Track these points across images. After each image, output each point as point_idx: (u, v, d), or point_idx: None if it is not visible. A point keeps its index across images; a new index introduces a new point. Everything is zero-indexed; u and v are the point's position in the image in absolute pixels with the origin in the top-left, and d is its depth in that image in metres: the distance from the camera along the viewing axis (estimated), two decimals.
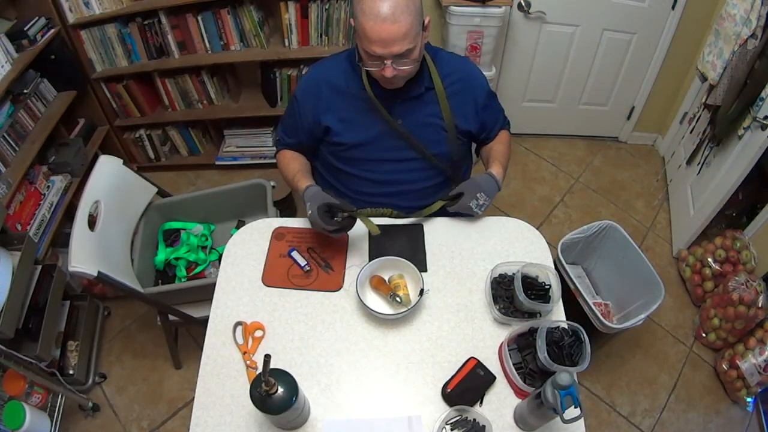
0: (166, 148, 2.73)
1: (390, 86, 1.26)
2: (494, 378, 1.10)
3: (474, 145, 1.57)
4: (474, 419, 1.04)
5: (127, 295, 1.49)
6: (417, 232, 1.38)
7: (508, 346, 1.11)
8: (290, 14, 2.18)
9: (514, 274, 1.21)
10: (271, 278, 1.29)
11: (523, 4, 2.30)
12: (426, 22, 1.20)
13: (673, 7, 2.32)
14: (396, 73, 1.18)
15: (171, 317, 1.70)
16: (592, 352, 1.07)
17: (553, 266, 1.26)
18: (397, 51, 1.13)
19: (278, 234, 1.38)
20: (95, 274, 1.34)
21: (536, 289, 1.20)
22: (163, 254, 1.79)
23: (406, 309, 1.16)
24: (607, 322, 1.69)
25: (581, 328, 1.07)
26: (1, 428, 1.48)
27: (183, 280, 1.78)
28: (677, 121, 2.67)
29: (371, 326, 1.20)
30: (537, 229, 1.39)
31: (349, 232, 1.37)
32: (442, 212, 1.47)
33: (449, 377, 1.10)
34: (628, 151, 2.94)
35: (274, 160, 2.78)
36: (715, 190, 2.10)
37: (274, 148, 2.69)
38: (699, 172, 2.29)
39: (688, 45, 2.42)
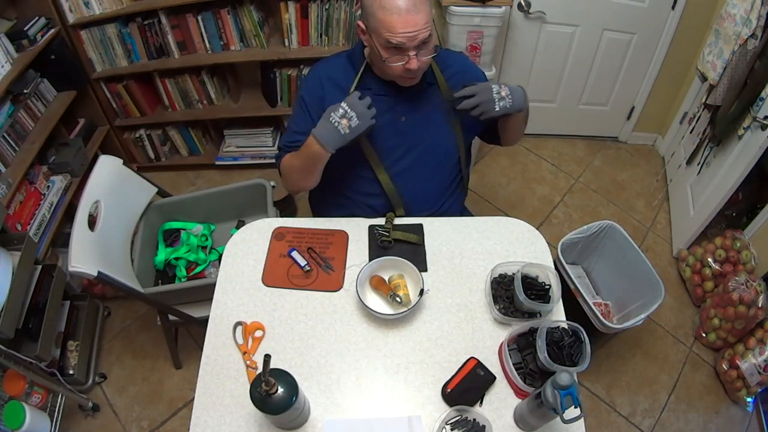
0: (166, 148, 2.73)
1: (410, 83, 1.26)
2: (494, 378, 1.10)
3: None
4: (474, 419, 1.04)
5: (127, 295, 1.49)
6: (417, 232, 1.38)
7: (508, 346, 1.11)
8: (290, 14, 2.18)
9: (514, 274, 1.21)
10: (271, 278, 1.29)
11: (523, 4, 2.30)
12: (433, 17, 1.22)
13: (673, 7, 2.33)
14: (420, 64, 1.18)
15: (171, 317, 1.70)
16: (592, 352, 1.07)
17: (553, 266, 1.26)
18: (423, 39, 1.15)
19: (278, 234, 1.38)
20: (95, 274, 1.34)
21: (536, 289, 1.20)
22: (163, 254, 1.79)
23: (406, 309, 1.17)
24: (607, 322, 1.69)
25: (581, 328, 1.07)
26: (1, 428, 1.48)
27: (183, 280, 1.78)
28: (677, 121, 2.67)
29: (371, 326, 1.20)
30: (537, 229, 1.39)
31: (349, 233, 1.38)
32: (447, 209, 1.47)
33: (449, 377, 1.10)
34: (628, 151, 2.94)
35: (274, 160, 2.78)
36: (715, 190, 2.10)
37: (275, 150, 2.70)
38: (699, 172, 2.29)
39: (688, 45, 2.42)
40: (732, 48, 1.92)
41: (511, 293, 1.20)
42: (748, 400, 1.90)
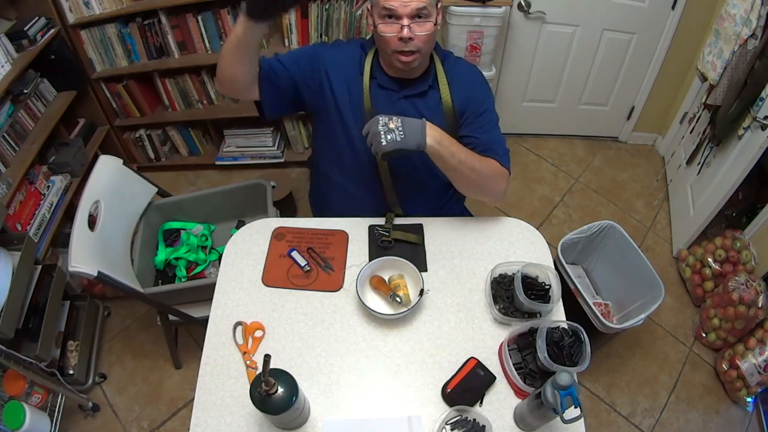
0: (166, 148, 2.73)
1: (405, 64, 1.23)
2: (494, 378, 1.10)
3: None
4: (474, 419, 1.04)
5: (127, 295, 1.49)
6: (417, 232, 1.38)
7: (508, 346, 1.11)
8: (290, 14, 2.18)
9: (514, 274, 1.21)
10: (271, 278, 1.29)
11: (523, 4, 2.30)
12: (439, 5, 1.22)
13: (673, 7, 2.33)
14: (412, 36, 1.17)
15: (171, 317, 1.70)
16: (592, 352, 1.07)
17: (553, 266, 1.26)
18: (416, 8, 1.15)
19: (278, 234, 1.38)
20: (95, 274, 1.34)
21: (536, 289, 1.19)
22: (163, 254, 1.79)
23: (406, 309, 1.17)
24: (607, 322, 1.69)
25: (581, 328, 1.07)
26: (1, 428, 1.48)
27: (183, 280, 1.78)
28: (677, 121, 2.67)
29: (371, 326, 1.20)
30: (537, 229, 1.39)
31: (349, 233, 1.38)
32: (447, 210, 1.46)
33: (449, 377, 1.10)
34: (628, 151, 2.94)
35: (274, 160, 2.73)
36: (715, 190, 2.10)
37: (276, 150, 2.68)
38: (699, 172, 2.29)
39: (688, 45, 2.42)
40: (732, 48, 1.92)
41: (511, 293, 1.20)
42: (748, 400, 1.90)
